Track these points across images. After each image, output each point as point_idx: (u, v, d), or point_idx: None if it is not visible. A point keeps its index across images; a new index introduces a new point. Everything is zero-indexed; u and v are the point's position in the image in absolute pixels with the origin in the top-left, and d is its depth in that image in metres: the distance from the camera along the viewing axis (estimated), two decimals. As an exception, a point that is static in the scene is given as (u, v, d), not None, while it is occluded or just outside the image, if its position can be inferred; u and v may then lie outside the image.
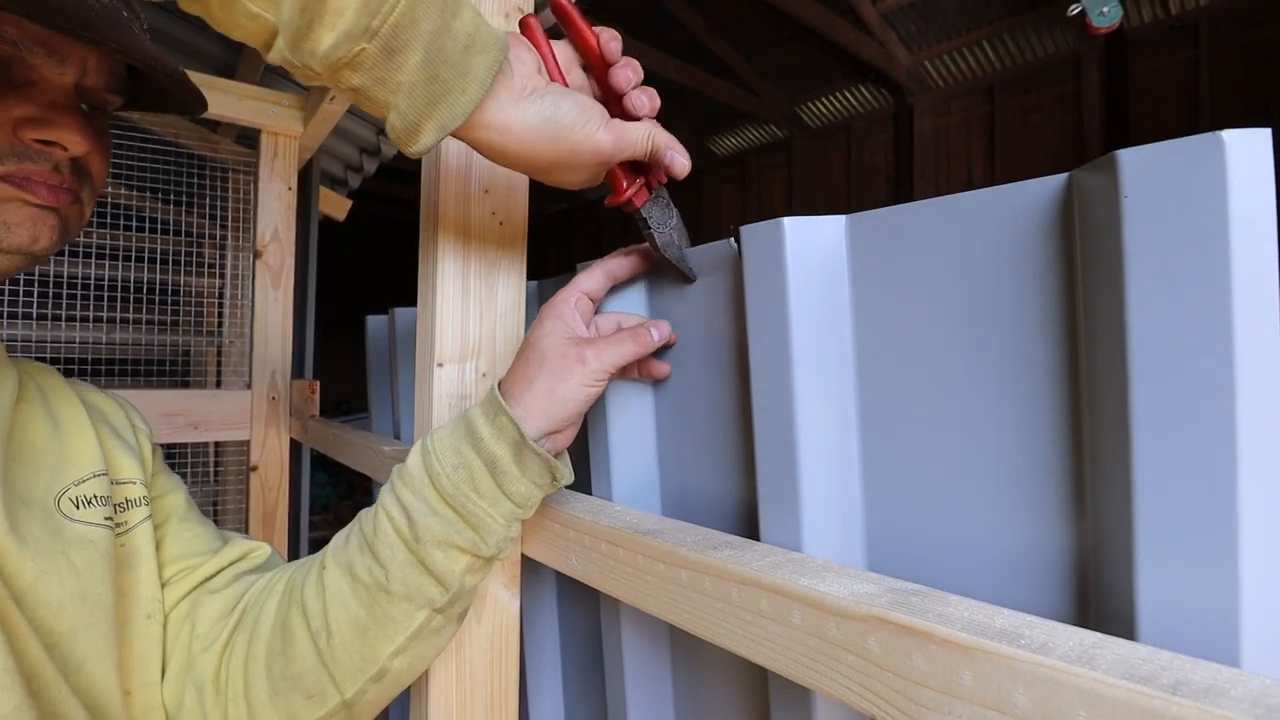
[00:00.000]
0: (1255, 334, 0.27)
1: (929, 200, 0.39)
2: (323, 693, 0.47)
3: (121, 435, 0.52)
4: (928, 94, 4.89)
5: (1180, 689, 0.23)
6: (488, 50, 0.38)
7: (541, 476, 0.47)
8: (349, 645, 0.46)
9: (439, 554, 0.46)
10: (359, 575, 0.47)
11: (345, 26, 0.35)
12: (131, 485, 0.50)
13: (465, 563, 0.47)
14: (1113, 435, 0.31)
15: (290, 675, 0.47)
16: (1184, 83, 3.85)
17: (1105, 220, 0.31)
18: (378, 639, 0.46)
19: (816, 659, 0.33)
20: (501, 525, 0.47)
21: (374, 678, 0.47)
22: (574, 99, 0.42)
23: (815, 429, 0.43)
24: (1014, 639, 0.27)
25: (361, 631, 0.46)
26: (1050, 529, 0.36)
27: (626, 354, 0.50)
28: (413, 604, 0.46)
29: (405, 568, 0.46)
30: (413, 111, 0.38)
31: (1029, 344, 0.36)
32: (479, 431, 0.47)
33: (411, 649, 0.48)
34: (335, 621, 0.47)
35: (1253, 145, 0.27)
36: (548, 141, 0.41)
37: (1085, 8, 3.08)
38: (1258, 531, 0.28)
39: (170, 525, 0.53)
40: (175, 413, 1.36)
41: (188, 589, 0.51)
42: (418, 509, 0.46)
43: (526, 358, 0.49)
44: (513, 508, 0.47)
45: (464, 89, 0.38)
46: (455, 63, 0.37)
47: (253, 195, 1.48)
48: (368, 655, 0.47)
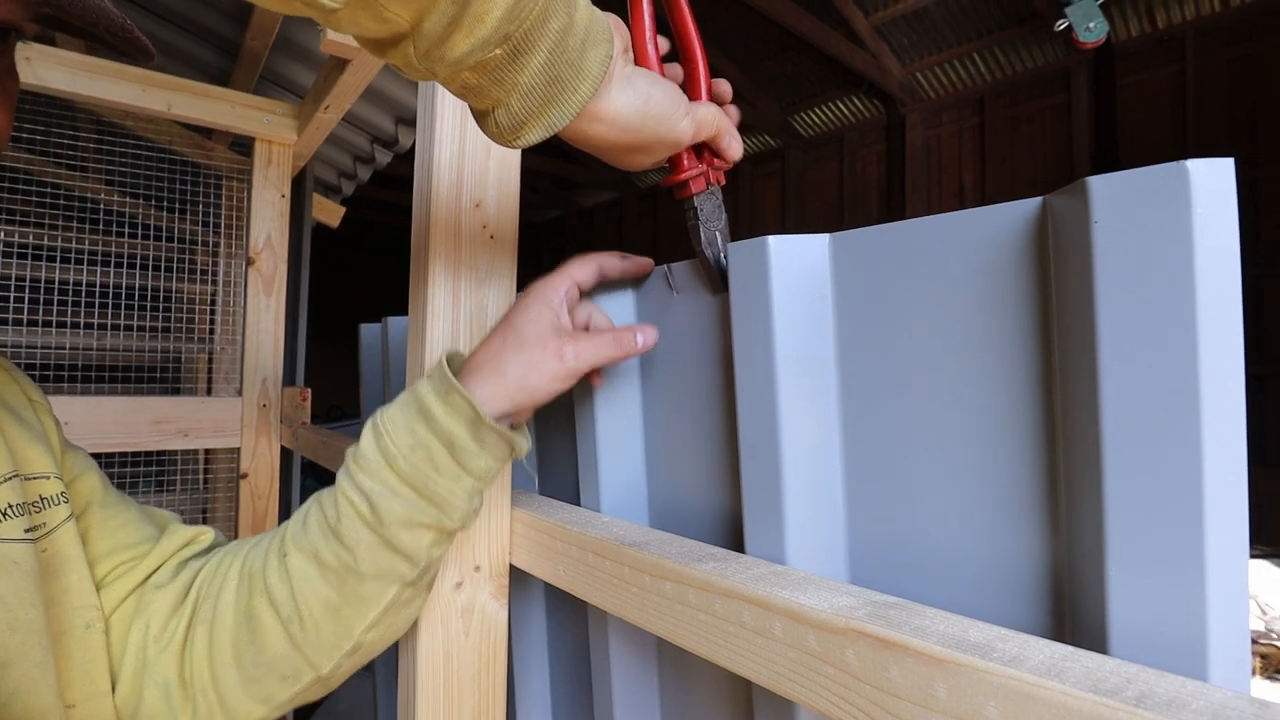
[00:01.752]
0: (1219, 355, 0.28)
1: (909, 221, 0.40)
2: (297, 673, 0.47)
3: (21, 416, 0.46)
4: (919, 105, 4.93)
5: (1144, 701, 0.24)
6: (600, 43, 0.37)
7: (500, 450, 0.48)
8: (323, 627, 0.46)
9: (405, 533, 0.45)
10: (326, 560, 0.46)
11: (484, 34, 0.33)
12: (45, 480, 0.45)
13: (431, 538, 0.47)
14: (1085, 452, 0.32)
15: (263, 663, 0.47)
16: (1171, 95, 3.90)
17: (1077, 244, 0.32)
18: (351, 617, 0.46)
19: (797, 671, 0.34)
20: (464, 500, 0.47)
21: (349, 652, 0.48)
22: (662, 87, 0.42)
23: (799, 442, 0.43)
24: (987, 652, 0.28)
25: (334, 612, 0.46)
26: (1026, 542, 0.37)
27: (606, 356, 0.49)
28: (384, 581, 0.46)
29: (373, 549, 0.45)
30: (524, 111, 0.37)
31: (1006, 362, 0.37)
32: (432, 410, 0.46)
33: (384, 622, 0.48)
34: (306, 606, 0.46)
35: (1217, 175, 0.28)
36: (635, 130, 0.41)
37: (1072, 23, 3.12)
38: (1222, 544, 0.29)
39: (92, 514, 0.49)
40: (165, 419, 1.36)
41: (130, 587, 0.48)
42: (377, 492, 0.45)
43: (505, 338, 0.48)
44: (473, 482, 0.47)
45: (577, 88, 0.37)
46: (574, 60, 0.36)
47: (246, 202, 1.48)
48: (342, 633, 0.47)
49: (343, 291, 7.56)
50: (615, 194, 7.37)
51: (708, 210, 0.49)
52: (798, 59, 4.80)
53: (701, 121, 0.45)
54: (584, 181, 7.15)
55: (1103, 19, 3.10)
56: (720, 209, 0.50)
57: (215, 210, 1.63)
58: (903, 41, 4.60)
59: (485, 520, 0.57)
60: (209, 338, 1.66)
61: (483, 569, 0.57)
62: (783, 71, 5.13)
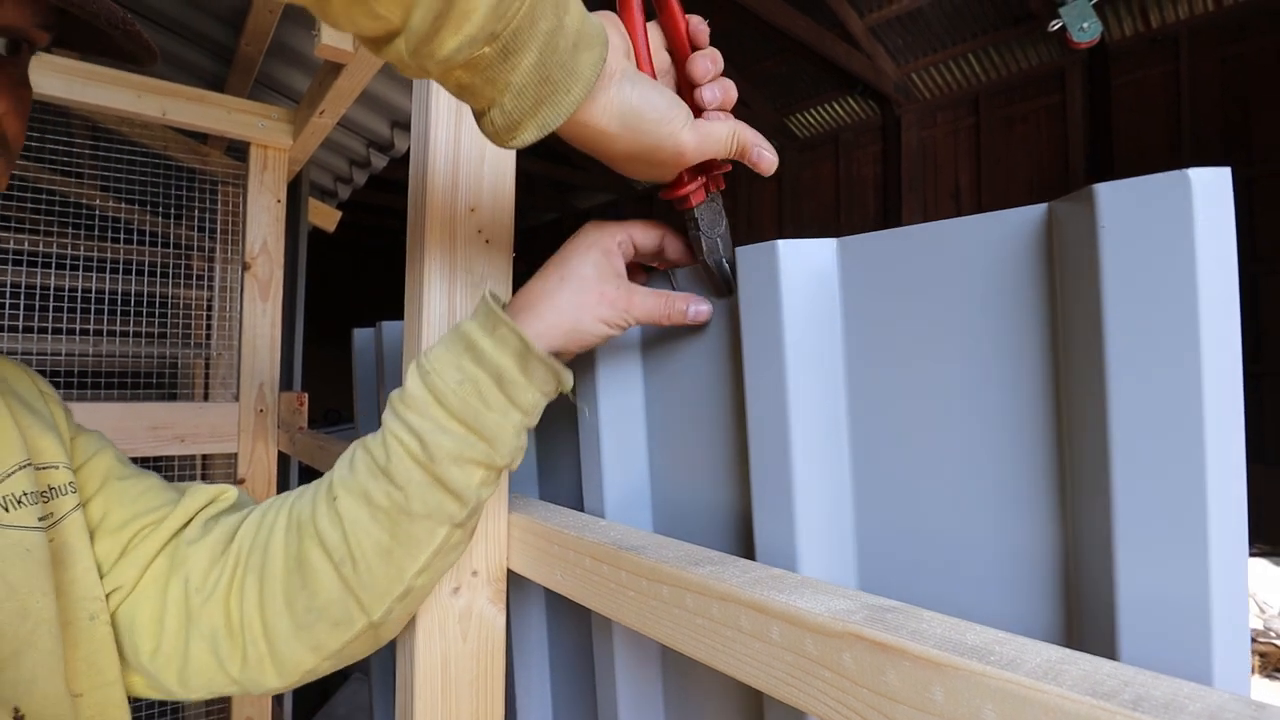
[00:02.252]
0: (1220, 350, 0.29)
1: (917, 226, 0.41)
2: (350, 618, 0.47)
3: (34, 408, 0.47)
4: (914, 105, 4.94)
5: (1140, 704, 0.24)
6: (593, 46, 0.38)
7: (547, 384, 0.47)
8: (375, 569, 0.46)
9: (455, 469, 0.45)
10: (377, 501, 0.46)
11: (471, 31, 0.34)
12: (54, 470, 0.46)
13: (480, 475, 0.47)
14: (1092, 450, 0.33)
15: (315, 608, 0.47)
16: (1165, 95, 3.91)
17: (1083, 248, 0.33)
18: (403, 559, 0.46)
19: (794, 675, 0.34)
20: (512, 435, 0.47)
21: (400, 596, 0.47)
22: (662, 93, 0.41)
23: (809, 443, 0.44)
24: (984, 655, 0.28)
25: (386, 554, 0.46)
26: (1034, 536, 0.38)
27: (657, 316, 0.50)
28: (434, 521, 0.46)
29: (423, 488, 0.45)
30: (517, 111, 0.37)
31: (1013, 364, 0.38)
32: (479, 345, 0.46)
33: (433, 566, 0.48)
34: (359, 548, 0.46)
35: (1216, 182, 0.30)
36: (633, 131, 0.41)
37: (1066, 23, 3.14)
38: (1224, 533, 0.30)
39: (110, 487, 0.50)
40: (162, 425, 1.35)
41: (158, 546, 0.49)
42: (427, 429, 0.45)
43: (562, 277, 0.48)
44: (521, 417, 0.47)
45: (569, 89, 0.37)
46: (565, 62, 0.37)
47: (242, 207, 1.48)
48: (394, 576, 0.47)
49: (340, 296, 7.55)
50: (612, 196, 7.38)
51: (708, 219, 0.49)
52: (793, 60, 4.81)
53: (710, 136, 0.44)
54: (580, 184, 7.15)
55: (1096, 19, 3.12)
56: (720, 214, 0.50)
57: (211, 215, 1.62)
58: (898, 42, 4.61)
59: (482, 525, 0.56)
60: (205, 343, 1.66)
61: (480, 574, 0.56)
62: (778, 73, 5.14)
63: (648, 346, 0.59)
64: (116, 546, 0.48)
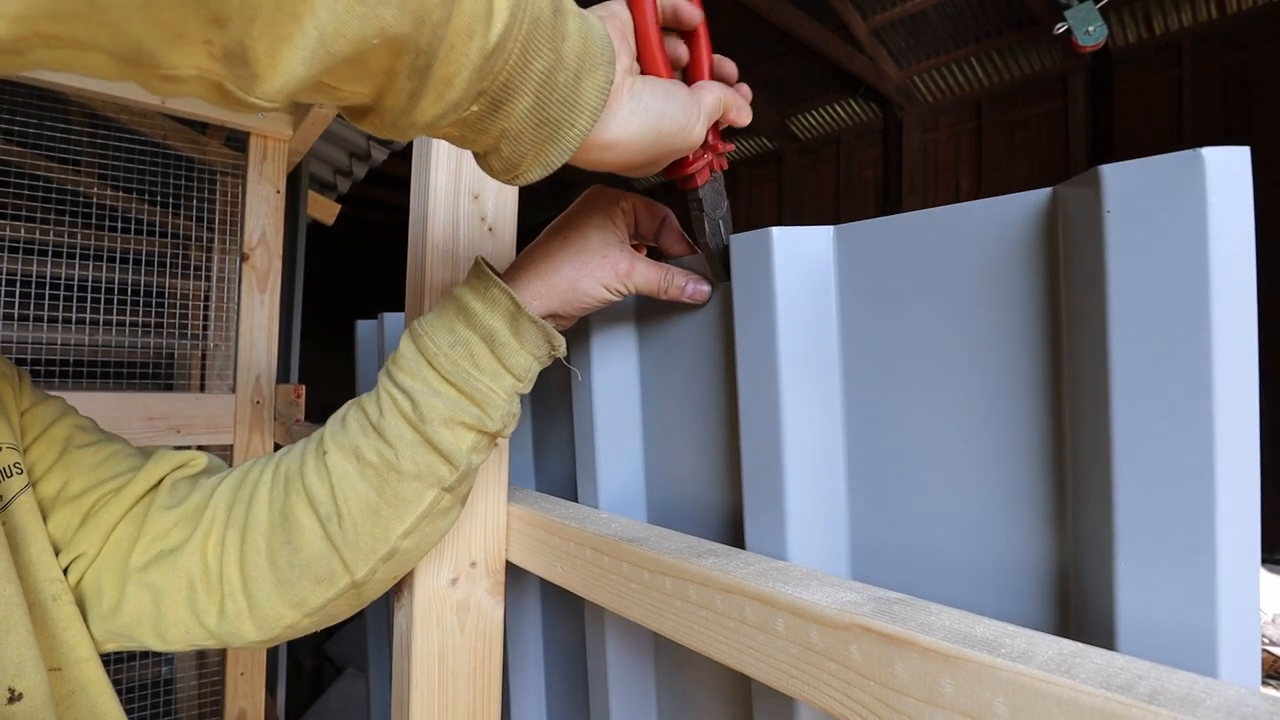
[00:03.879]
0: (1233, 347, 0.28)
1: (916, 212, 0.40)
2: (332, 576, 0.47)
3: None
4: (916, 109, 4.94)
5: (1156, 698, 0.23)
6: (598, 66, 0.34)
7: (539, 347, 0.46)
8: (361, 526, 0.46)
9: (446, 432, 0.45)
10: (366, 457, 0.45)
11: (454, 98, 0.30)
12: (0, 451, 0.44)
13: (471, 440, 0.46)
14: (1094, 446, 0.32)
15: (298, 563, 0.46)
16: (1168, 102, 3.91)
17: (1088, 234, 0.31)
18: (390, 519, 0.46)
19: (799, 667, 0.33)
20: (504, 400, 0.46)
21: (384, 557, 0.47)
22: (674, 99, 0.39)
23: (801, 437, 0.43)
24: (994, 648, 0.27)
25: (373, 512, 0.45)
26: (1032, 538, 0.36)
27: (655, 288, 0.49)
28: (423, 482, 0.45)
29: (413, 447, 0.45)
30: (516, 155, 0.35)
31: (1013, 355, 0.36)
32: (470, 307, 0.45)
33: (420, 529, 0.47)
34: (345, 504, 0.45)
35: (1232, 163, 0.28)
36: (651, 147, 0.39)
37: (1071, 26, 3.13)
38: (1235, 542, 0.28)
39: (70, 456, 0.48)
40: (157, 416, 1.35)
41: (122, 511, 0.48)
42: (418, 390, 0.45)
43: (566, 239, 0.48)
44: (514, 381, 0.46)
45: (574, 123, 0.34)
46: (567, 97, 0.33)
47: (240, 198, 1.47)
48: (379, 535, 0.46)
49: (339, 291, 7.54)
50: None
51: (711, 199, 0.48)
52: (795, 61, 4.80)
53: (710, 112, 0.42)
54: (579, 181, 7.14)
55: (1102, 23, 3.12)
56: (722, 195, 0.49)
57: (209, 206, 1.61)
58: (900, 45, 4.61)
59: (481, 516, 0.56)
60: (203, 334, 1.65)
61: (479, 565, 0.56)
62: (780, 74, 5.13)
63: (643, 339, 0.58)
64: (77, 515, 0.47)
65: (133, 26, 0.22)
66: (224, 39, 0.24)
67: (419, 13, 0.27)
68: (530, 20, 0.30)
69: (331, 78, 0.28)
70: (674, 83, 0.40)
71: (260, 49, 0.24)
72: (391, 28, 0.26)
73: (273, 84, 0.25)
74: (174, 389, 1.78)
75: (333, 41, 0.25)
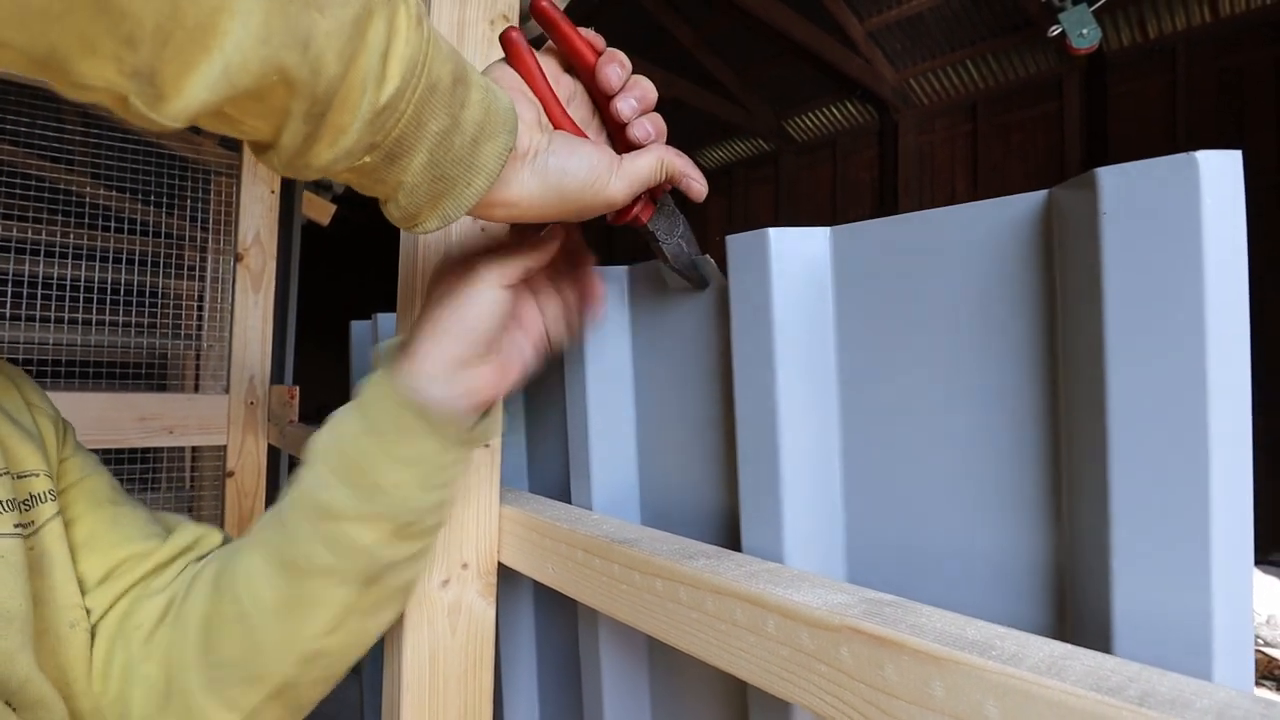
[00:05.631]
0: (1227, 345, 0.28)
1: (913, 213, 0.40)
2: (259, 677, 0.46)
3: (16, 419, 0.47)
4: (912, 111, 4.96)
5: (1147, 700, 0.23)
6: (496, 136, 0.35)
7: (461, 431, 0.45)
8: (272, 627, 0.45)
9: (357, 527, 0.44)
10: (273, 547, 0.45)
11: (347, 145, 0.32)
12: (35, 478, 0.45)
13: (388, 538, 0.45)
14: (1090, 445, 0.32)
15: (220, 663, 0.45)
16: (1162, 105, 3.94)
17: (1084, 236, 0.31)
18: (301, 621, 0.45)
19: (790, 669, 0.33)
20: (414, 496, 0.45)
21: (306, 658, 0.45)
22: (580, 155, 0.39)
23: (797, 438, 0.43)
24: (985, 650, 0.27)
25: (284, 612, 0.45)
26: (1029, 537, 0.36)
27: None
28: (334, 577, 0.44)
29: (326, 546, 0.44)
30: (413, 206, 0.36)
31: (1009, 357, 0.37)
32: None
33: (346, 627, 0.46)
34: (255, 603, 0.45)
35: (1226, 166, 0.28)
36: (555, 205, 0.39)
37: (1066, 29, 3.15)
38: (1229, 538, 0.28)
39: (101, 511, 0.49)
40: (150, 416, 1.34)
41: (125, 587, 0.48)
42: (309, 481, 0.45)
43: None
44: (428, 469, 0.45)
45: (470, 182, 0.35)
46: (463, 158, 0.34)
47: (235, 198, 1.46)
48: (292, 635, 0.45)
49: (335, 292, 7.52)
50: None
51: (664, 227, 0.47)
52: (792, 63, 4.82)
53: (637, 176, 0.41)
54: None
55: (1096, 26, 3.13)
56: (674, 214, 0.48)
57: (203, 206, 1.61)
58: (896, 47, 4.63)
59: (473, 517, 0.56)
60: (196, 335, 1.64)
61: (470, 566, 0.56)
62: (777, 75, 5.15)
63: (637, 339, 0.58)
64: (101, 568, 0.48)
65: (50, 34, 0.23)
66: (135, 59, 0.25)
67: (317, 64, 0.28)
68: (426, 86, 0.32)
69: (233, 108, 0.29)
70: (582, 143, 0.40)
71: (168, 72, 0.26)
72: (291, 71, 0.28)
73: (176, 105, 0.27)
74: (168, 389, 1.77)
75: (236, 74, 0.27)
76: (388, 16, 0.30)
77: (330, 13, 0.28)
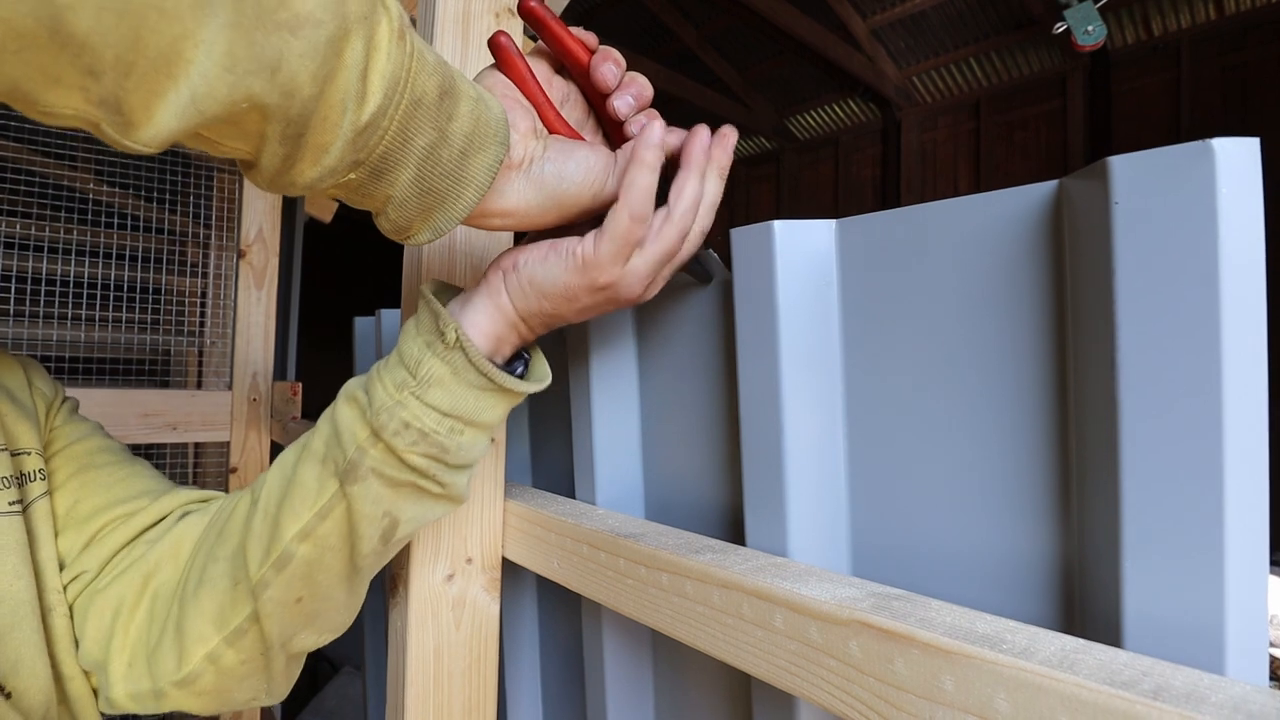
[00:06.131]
0: (1243, 340, 0.27)
1: (919, 205, 0.39)
2: (236, 577, 0.43)
3: (17, 398, 0.47)
4: (915, 109, 4.94)
5: (1161, 694, 0.23)
6: (486, 147, 0.35)
7: (429, 332, 0.41)
8: (267, 513, 0.43)
9: (344, 407, 0.42)
10: (299, 443, 0.45)
11: (330, 164, 0.31)
12: (27, 456, 0.45)
13: (362, 430, 0.40)
14: (1100, 441, 0.32)
15: (222, 556, 0.44)
16: (1166, 103, 3.92)
17: (1095, 226, 0.31)
18: (287, 510, 0.42)
19: (798, 664, 0.33)
20: (388, 391, 0.40)
21: (276, 562, 0.42)
22: (576, 160, 0.38)
23: (802, 433, 0.43)
24: (996, 644, 0.27)
25: (280, 499, 0.43)
26: (1036, 535, 0.36)
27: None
28: (324, 469, 0.42)
29: (325, 425, 0.43)
30: (403, 219, 0.35)
31: (1017, 350, 0.36)
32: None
33: (317, 534, 0.42)
34: (267, 490, 0.44)
35: (1242, 154, 0.27)
36: (554, 212, 0.38)
37: (1070, 26, 3.14)
38: (1243, 538, 0.28)
39: (85, 476, 0.48)
40: (153, 413, 1.34)
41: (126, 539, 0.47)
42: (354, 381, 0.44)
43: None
44: (405, 375, 0.40)
45: (459, 195, 0.35)
46: (450, 172, 0.34)
47: (237, 195, 1.46)
48: (276, 530, 0.42)
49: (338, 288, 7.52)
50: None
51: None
52: (794, 61, 4.81)
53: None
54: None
55: (1101, 22, 3.12)
56: None
57: (206, 203, 1.61)
58: (899, 45, 4.61)
59: (478, 512, 0.55)
60: (199, 331, 1.64)
61: (475, 561, 0.55)
62: (779, 74, 5.14)
63: (642, 333, 0.58)
64: (82, 537, 0.47)
65: (9, 68, 0.23)
66: (99, 89, 0.25)
67: (288, 87, 0.28)
68: (410, 102, 0.32)
69: (209, 132, 0.29)
70: (578, 146, 0.39)
71: (134, 101, 0.25)
72: (260, 97, 0.28)
73: (147, 132, 0.26)
74: (171, 386, 1.77)
75: (203, 102, 0.27)
76: (366, 34, 0.30)
77: (303, 34, 0.28)
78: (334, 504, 0.42)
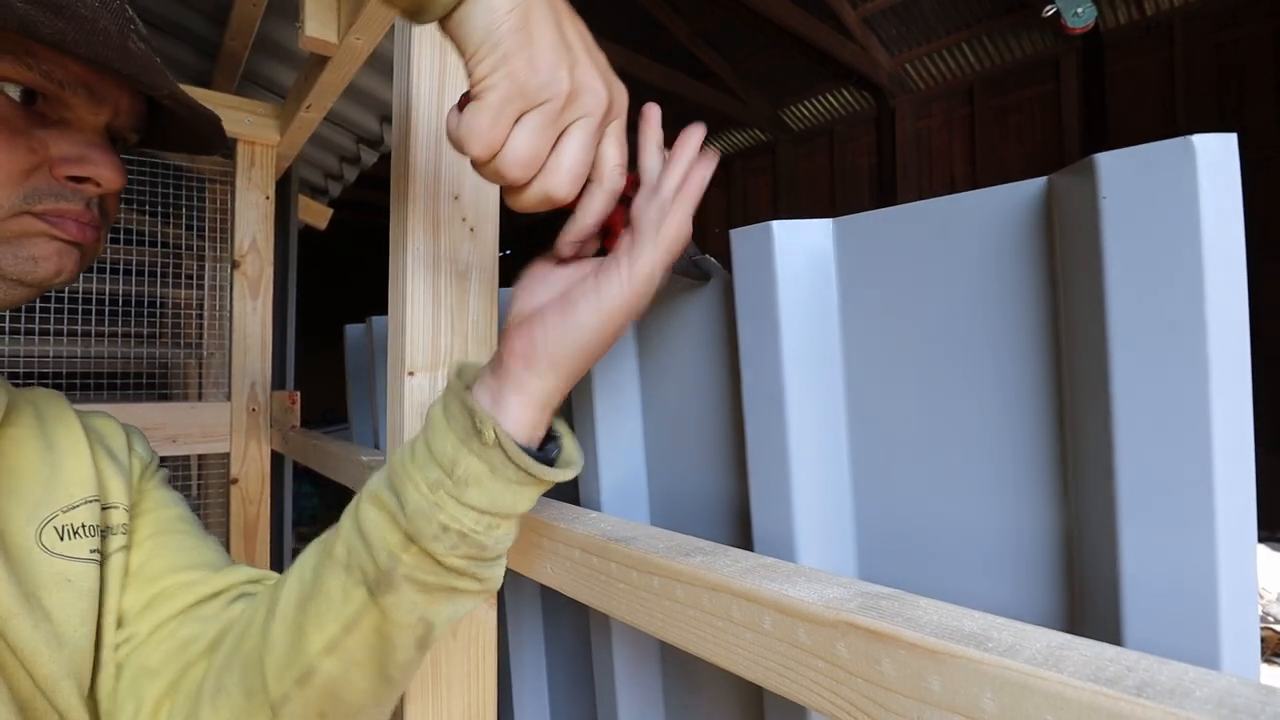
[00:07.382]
0: (1226, 323, 0.29)
1: (913, 204, 0.40)
2: (252, 690, 0.43)
3: (116, 457, 0.50)
4: (908, 96, 4.93)
5: (1146, 690, 0.23)
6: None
7: (463, 429, 0.39)
8: (287, 622, 0.42)
9: (370, 509, 0.40)
10: (319, 545, 0.44)
11: None
12: (114, 510, 0.48)
13: (394, 536, 0.39)
14: (1095, 431, 0.33)
15: (237, 661, 0.44)
16: (1160, 82, 3.90)
17: (1084, 220, 0.32)
18: (311, 622, 0.41)
19: (787, 666, 0.33)
20: (422, 493, 0.39)
21: (299, 678, 0.41)
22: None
23: (806, 426, 0.44)
24: (982, 642, 0.27)
25: (300, 608, 0.42)
26: (1036, 518, 0.37)
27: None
28: (350, 577, 0.40)
29: (349, 530, 0.41)
30: None
31: (1012, 340, 0.37)
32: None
33: (345, 646, 0.40)
34: (285, 598, 0.43)
35: (1221, 149, 0.29)
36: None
37: (1060, 8, 3.12)
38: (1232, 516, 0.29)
39: (160, 539, 0.50)
40: (153, 426, 1.34)
41: (180, 608, 0.48)
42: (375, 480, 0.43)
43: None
44: (440, 474, 0.39)
45: None
46: None
47: (230, 205, 1.46)
48: (296, 645, 0.41)
49: (335, 296, 7.53)
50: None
51: None
52: (787, 52, 4.79)
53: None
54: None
55: (1090, 4, 3.10)
56: None
57: (199, 214, 1.60)
58: (891, 33, 4.59)
59: (471, 519, 0.55)
60: (197, 343, 1.64)
61: (469, 569, 0.55)
62: (772, 65, 5.12)
63: (643, 332, 0.58)
64: (144, 597, 0.48)
65: None
66: None
67: None
68: None
69: None
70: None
71: None
72: None
73: None
74: (170, 398, 1.77)
75: None
76: None
77: None
78: (362, 615, 0.40)
